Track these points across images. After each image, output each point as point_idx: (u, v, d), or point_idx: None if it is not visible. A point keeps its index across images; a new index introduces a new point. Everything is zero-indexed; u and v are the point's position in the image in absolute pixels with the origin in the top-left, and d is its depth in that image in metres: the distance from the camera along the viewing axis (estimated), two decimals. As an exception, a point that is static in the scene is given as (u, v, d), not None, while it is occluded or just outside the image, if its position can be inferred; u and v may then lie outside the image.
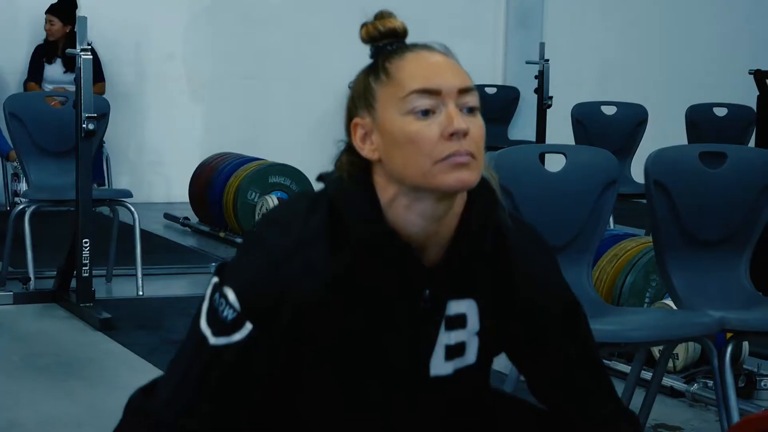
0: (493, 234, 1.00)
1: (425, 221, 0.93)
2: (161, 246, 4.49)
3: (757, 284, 2.68)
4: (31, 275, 3.48)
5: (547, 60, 4.85)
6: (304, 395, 1.04)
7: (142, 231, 3.79)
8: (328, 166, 0.99)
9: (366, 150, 0.92)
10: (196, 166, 4.76)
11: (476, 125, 0.90)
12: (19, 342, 3.09)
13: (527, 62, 5.21)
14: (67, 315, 3.43)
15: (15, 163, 4.59)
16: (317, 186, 1.01)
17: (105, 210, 3.97)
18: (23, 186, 4.19)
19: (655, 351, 2.47)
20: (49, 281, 3.63)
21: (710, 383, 2.61)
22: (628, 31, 6.83)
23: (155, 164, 5.78)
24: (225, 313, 0.92)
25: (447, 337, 1.02)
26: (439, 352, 1.02)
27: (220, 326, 0.93)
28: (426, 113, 0.88)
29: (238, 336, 0.92)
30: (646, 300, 3.08)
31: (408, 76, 0.90)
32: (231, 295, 0.91)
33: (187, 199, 4.85)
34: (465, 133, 0.88)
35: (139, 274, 3.61)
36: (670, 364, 2.81)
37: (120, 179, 5.34)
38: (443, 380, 1.04)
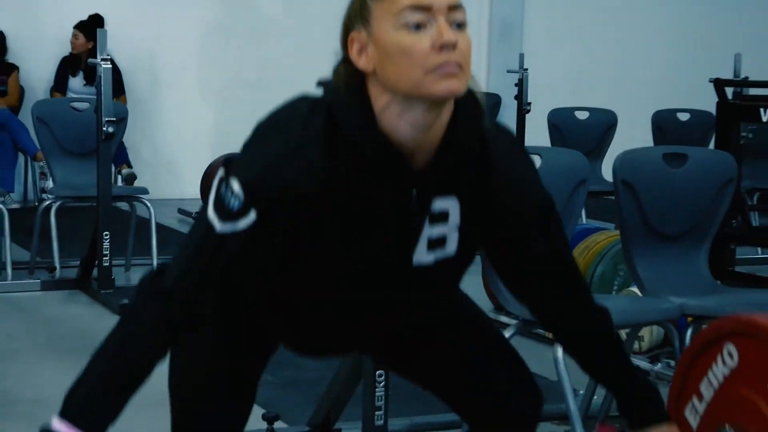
0: (477, 141, 1.01)
1: (415, 129, 0.94)
2: (175, 238, 4.58)
3: (715, 273, 2.72)
4: (57, 265, 3.62)
5: (526, 69, 5.02)
6: (300, 281, 1.08)
7: (157, 224, 3.93)
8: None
9: (362, 62, 0.94)
10: (207, 165, 4.95)
11: (464, 39, 0.92)
12: (45, 325, 3.22)
13: (508, 71, 5.39)
14: (90, 301, 3.53)
15: (42, 163, 4.72)
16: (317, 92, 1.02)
17: (124, 205, 4.11)
18: (50, 183, 4.37)
19: (623, 333, 2.40)
20: (73, 270, 3.75)
21: (672, 363, 2.70)
22: (599, 44, 7.14)
23: (169, 164, 6.02)
24: (231, 203, 0.94)
25: (430, 231, 1.05)
26: (422, 243, 1.05)
27: (226, 214, 0.95)
28: (418, 27, 0.90)
29: (242, 224, 0.94)
30: (614, 288, 3.11)
31: None
32: (236, 186, 0.93)
33: (198, 195, 4.98)
34: (454, 46, 0.89)
35: (155, 264, 3.71)
36: (636, 345, 2.88)
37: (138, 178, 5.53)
38: (424, 269, 1.07)
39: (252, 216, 0.93)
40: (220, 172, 0.98)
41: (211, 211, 0.96)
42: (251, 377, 1.17)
